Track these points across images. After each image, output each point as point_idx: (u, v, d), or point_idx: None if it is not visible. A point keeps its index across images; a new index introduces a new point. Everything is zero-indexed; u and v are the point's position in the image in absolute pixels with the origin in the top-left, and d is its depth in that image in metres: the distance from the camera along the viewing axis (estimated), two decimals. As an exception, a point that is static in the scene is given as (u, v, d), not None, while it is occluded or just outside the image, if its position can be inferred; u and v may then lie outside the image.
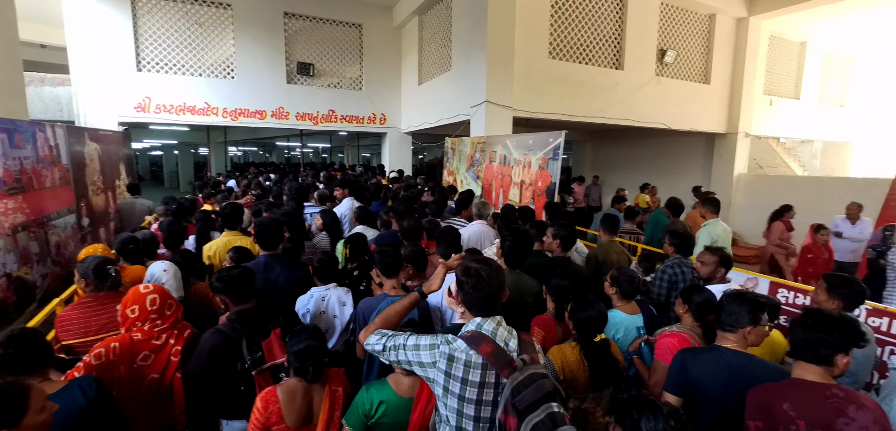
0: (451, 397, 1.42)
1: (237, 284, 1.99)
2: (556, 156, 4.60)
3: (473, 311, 1.50)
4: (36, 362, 1.62)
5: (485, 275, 1.46)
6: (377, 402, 1.75)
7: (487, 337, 1.42)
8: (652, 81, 8.72)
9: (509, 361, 1.38)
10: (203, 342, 1.90)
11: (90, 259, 2.21)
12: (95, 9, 8.22)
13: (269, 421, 1.70)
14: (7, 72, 4.73)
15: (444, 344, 1.44)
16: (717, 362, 1.76)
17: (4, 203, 3.78)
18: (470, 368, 1.39)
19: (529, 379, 1.31)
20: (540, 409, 1.24)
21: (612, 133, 12.30)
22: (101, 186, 6.49)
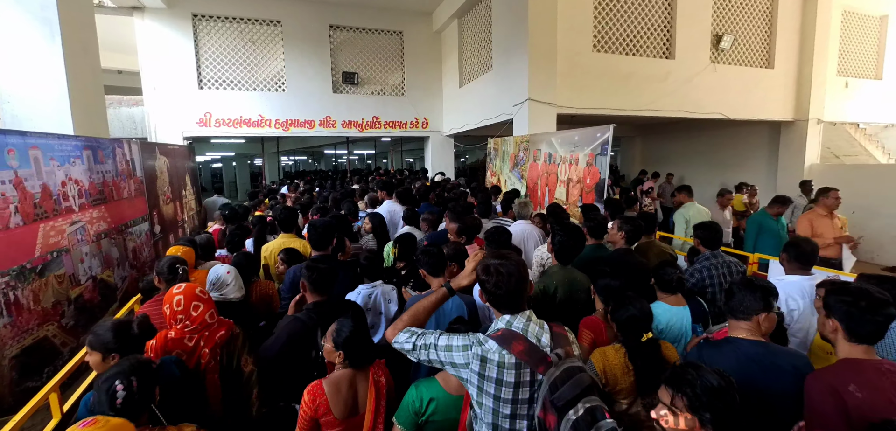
0: (487, 397, 1.39)
1: (324, 277, 2.13)
2: (604, 150, 4.42)
3: (499, 309, 1.47)
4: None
5: (505, 272, 1.42)
6: (427, 400, 1.75)
7: (519, 335, 1.38)
8: (707, 69, 8.18)
9: (543, 357, 1.34)
10: (280, 328, 2.04)
11: (165, 258, 2.40)
12: (163, 34, 8.98)
13: (317, 413, 1.74)
14: (92, 97, 5.25)
15: (476, 346, 1.40)
16: (735, 352, 1.69)
17: (90, 213, 4.17)
18: (504, 369, 1.36)
19: (566, 374, 1.27)
20: (579, 404, 1.20)
21: (663, 126, 11.64)
22: (170, 196, 7.03)
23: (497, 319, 1.48)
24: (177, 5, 8.98)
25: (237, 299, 2.51)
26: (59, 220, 3.66)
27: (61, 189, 3.76)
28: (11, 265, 3.05)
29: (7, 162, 3.14)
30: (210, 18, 9.41)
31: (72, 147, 4.01)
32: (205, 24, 9.40)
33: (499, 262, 1.45)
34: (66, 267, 3.68)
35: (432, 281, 2.28)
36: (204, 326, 2.00)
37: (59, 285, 3.57)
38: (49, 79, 4.33)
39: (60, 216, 3.68)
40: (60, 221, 3.67)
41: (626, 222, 3.02)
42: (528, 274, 1.54)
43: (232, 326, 2.10)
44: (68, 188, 3.86)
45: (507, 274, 1.42)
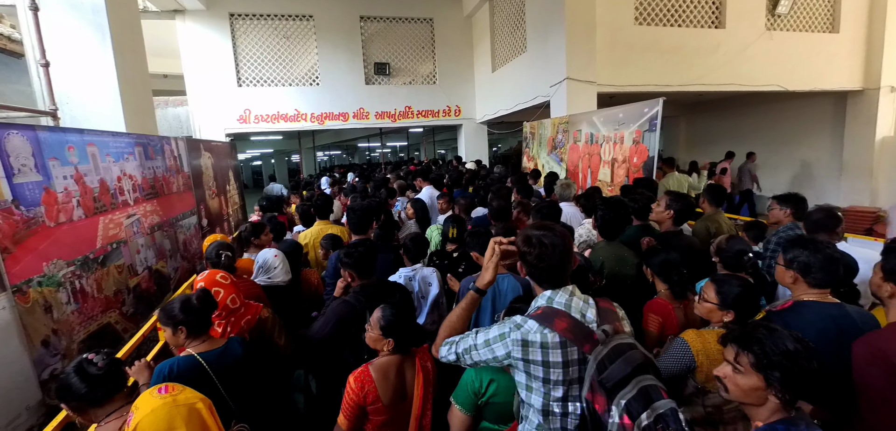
0: (536, 381, 1.28)
1: (363, 259, 2.11)
2: (653, 126, 4.15)
3: (542, 284, 1.35)
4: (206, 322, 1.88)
5: (548, 242, 1.30)
6: (487, 381, 1.66)
7: (561, 311, 1.27)
8: (762, 37, 7.56)
9: (589, 334, 1.23)
10: (330, 311, 2.01)
11: (211, 244, 2.44)
12: (202, 35, 9.31)
13: (364, 400, 1.70)
14: (141, 97, 5.47)
15: (513, 331, 1.29)
16: (812, 313, 1.55)
17: (144, 206, 4.35)
18: (548, 349, 1.24)
19: (615, 352, 1.16)
20: (631, 384, 1.10)
21: (712, 103, 10.91)
22: (215, 191, 7.28)
23: (537, 297, 1.36)
24: (214, 6, 9.26)
25: (284, 283, 2.52)
26: (117, 213, 3.82)
27: (117, 184, 3.92)
28: (77, 255, 3.20)
29: (68, 158, 3.29)
30: (246, 17, 9.65)
31: (125, 144, 4.18)
32: (241, 23, 9.65)
33: (541, 233, 1.33)
34: (124, 257, 3.85)
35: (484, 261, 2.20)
36: (228, 311, 2.01)
37: (119, 274, 3.73)
38: (102, 80, 4.53)
39: (117, 209, 3.85)
40: (118, 214, 3.83)
41: (675, 199, 2.77)
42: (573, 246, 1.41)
43: (259, 310, 2.10)
44: (123, 183, 4.03)
45: (550, 246, 1.30)
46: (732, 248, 2.24)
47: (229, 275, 2.04)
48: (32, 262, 2.76)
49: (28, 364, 2.62)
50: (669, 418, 1.02)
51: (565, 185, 3.65)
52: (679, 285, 2.04)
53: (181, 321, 1.80)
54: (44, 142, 3.01)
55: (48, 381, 2.74)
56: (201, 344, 1.82)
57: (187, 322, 1.80)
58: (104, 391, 1.44)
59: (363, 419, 1.74)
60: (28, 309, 2.67)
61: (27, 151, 2.86)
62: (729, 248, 2.26)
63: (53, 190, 3.05)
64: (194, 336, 1.81)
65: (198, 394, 1.26)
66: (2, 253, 2.53)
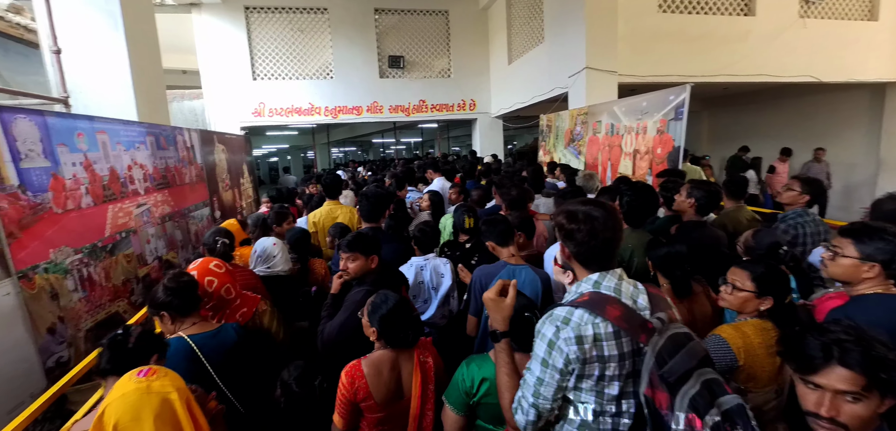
0: (588, 380, 1.13)
1: (362, 240, 2.01)
2: (679, 115, 3.92)
3: (588, 266, 1.19)
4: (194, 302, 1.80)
5: (599, 216, 1.15)
6: (479, 379, 1.51)
7: (611, 297, 1.12)
8: (794, 25, 7.17)
9: (643, 323, 1.09)
10: (353, 304, 1.87)
11: (209, 231, 2.36)
12: (218, 28, 9.35)
13: (355, 397, 1.56)
14: (154, 87, 5.47)
15: (562, 329, 1.13)
16: (883, 307, 1.41)
17: (154, 196, 4.32)
18: (602, 341, 1.10)
19: (674, 343, 1.04)
20: (692, 378, 0.98)
21: (737, 96, 10.44)
22: (229, 184, 7.28)
23: (579, 281, 1.20)
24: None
25: (285, 273, 2.41)
26: (127, 202, 3.79)
27: (127, 172, 3.89)
28: (84, 243, 3.16)
29: (77, 145, 3.25)
30: (261, 10, 9.65)
31: (136, 133, 4.15)
32: (256, 17, 9.66)
33: (589, 207, 1.17)
34: (133, 247, 3.81)
35: (501, 251, 2.06)
36: (222, 302, 1.91)
37: (128, 264, 3.70)
38: (114, 69, 4.52)
39: (127, 198, 3.81)
40: (127, 203, 3.80)
41: (697, 187, 2.58)
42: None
43: (257, 302, 1.99)
44: (134, 172, 4.00)
45: (602, 220, 1.14)
46: (763, 242, 2.06)
47: (224, 264, 1.94)
48: (39, 248, 2.72)
49: (33, 351, 2.57)
50: (736, 415, 0.89)
51: (588, 177, 3.46)
52: (681, 282, 1.85)
53: (162, 304, 1.73)
54: (52, 128, 2.97)
55: (53, 369, 2.70)
56: (191, 327, 1.74)
57: (168, 304, 1.72)
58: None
59: (359, 416, 1.61)
60: (34, 296, 2.63)
61: (35, 136, 2.82)
62: (759, 243, 2.07)
63: (61, 176, 3.01)
64: (180, 318, 1.74)
65: (177, 383, 1.15)
66: (7, 237, 2.48)
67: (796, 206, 2.59)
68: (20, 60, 5.44)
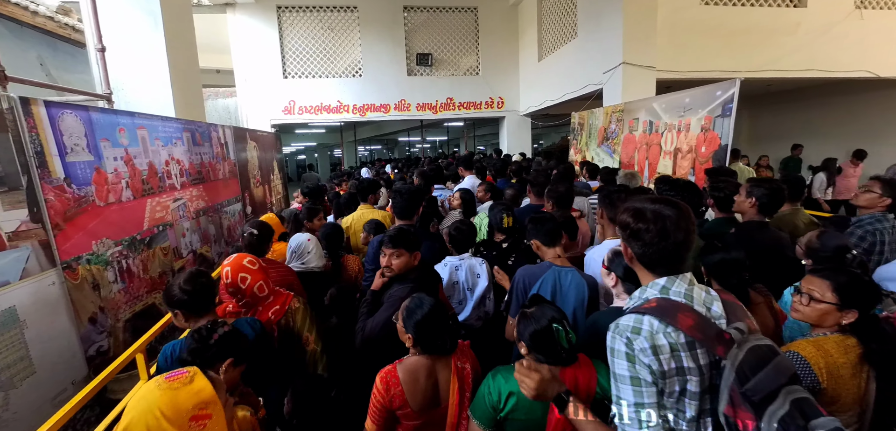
0: (669, 398, 1.01)
1: (402, 236, 1.94)
2: (727, 111, 3.68)
3: (655, 269, 1.07)
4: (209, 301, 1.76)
5: (671, 216, 1.02)
6: (506, 393, 1.40)
7: (682, 304, 1.00)
8: (849, 17, 6.69)
9: (719, 334, 0.96)
10: (395, 299, 1.82)
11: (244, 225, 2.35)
12: (251, 27, 9.57)
13: (391, 405, 1.49)
14: (190, 84, 5.61)
15: (634, 339, 1.01)
16: None
17: (190, 191, 4.41)
18: (679, 352, 0.98)
19: (757, 357, 0.92)
20: (780, 397, 0.87)
21: (780, 94, 9.85)
22: (260, 180, 7.41)
23: (644, 286, 1.08)
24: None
25: (319, 269, 2.37)
26: (164, 196, 3.87)
27: (165, 167, 3.98)
28: (124, 235, 3.23)
29: (119, 140, 3.33)
30: (292, 9, 9.81)
31: (173, 129, 4.24)
32: (288, 16, 9.82)
33: (659, 206, 1.05)
34: (170, 240, 3.89)
35: (546, 251, 1.94)
36: (255, 299, 1.85)
37: (165, 257, 3.78)
38: (154, 66, 4.64)
39: (165, 193, 3.90)
40: (165, 197, 3.88)
41: (758, 185, 2.38)
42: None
43: (290, 299, 1.92)
44: (171, 167, 4.08)
45: (675, 219, 1.02)
46: (829, 245, 1.86)
47: (258, 260, 1.89)
48: (82, 240, 2.79)
49: (75, 339, 2.64)
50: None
51: (629, 176, 3.28)
52: (739, 291, 1.67)
53: (176, 302, 1.71)
54: (96, 123, 3.05)
55: (94, 357, 2.76)
56: (202, 319, 1.71)
57: (182, 303, 1.70)
58: None
59: (394, 423, 1.53)
60: (76, 286, 2.70)
61: (80, 131, 2.90)
62: (824, 246, 1.87)
63: (104, 170, 3.09)
64: (195, 317, 1.71)
65: (198, 396, 1.11)
66: (53, 229, 2.55)
67: (875, 210, 2.35)
68: (67, 59, 5.68)
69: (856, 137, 8.86)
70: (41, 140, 2.53)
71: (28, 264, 2.35)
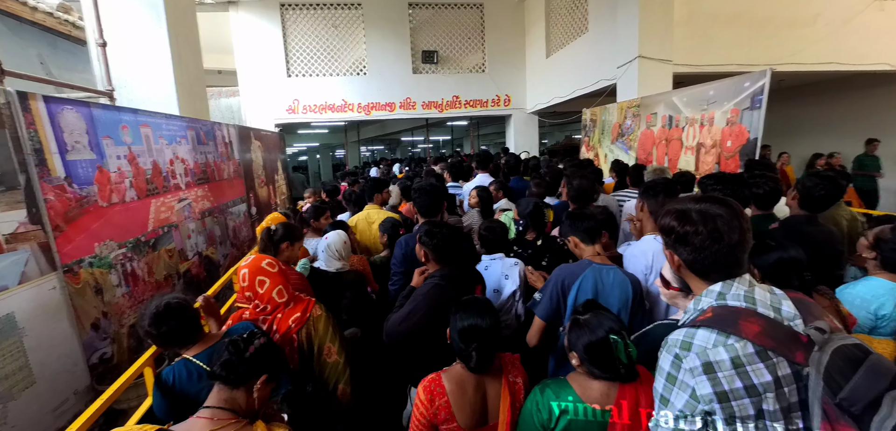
0: (744, 424, 0.85)
1: (447, 242, 1.80)
2: (756, 103, 3.51)
3: (707, 277, 0.94)
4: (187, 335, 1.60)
5: (722, 215, 0.91)
6: (558, 411, 1.26)
7: (744, 309, 0.87)
8: (871, 7, 6.51)
9: (795, 337, 0.83)
10: (420, 296, 1.71)
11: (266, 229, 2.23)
12: (254, 25, 9.44)
13: (436, 418, 1.35)
14: (195, 81, 5.49)
15: (685, 357, 0.88)
16: None
17: (195, 191, 4.27)
18: (746, 368, 0.83)
19: (845, 359, 0.78)
20: (885, 404, 0.73)
21: (795, 89, 9.62)
22: (264, 180, 7.28)
23: (698, 296, 0.95)
24: (266, -4, 9.34)
25: (336, 270, 2.22)
26: (169, 197, 3.73)
27: (169, 167, 3.84)
28: (128, 237, 3.10)
29: (122, 138, 3.19)
30: (296, 7, 9.67)
31: (178, 127, 4.11)
32: (291, 13, 9.68)
33: (707, 205, 0.93)
34: (175, 242, 3.76)
35: (585, 249, 1.80)
36: (274, 306, 1.70)
37: (170, 259, 3.64)
38: (156, 63, 4.51)
39: (169, 193, 3.76)
40: (169, 198, 3.75)
41: (810, 177, 2.24)
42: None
43: (312, 306, 1.76)
44: (175, 166, 3.95)
45: (726, 219, 0.90)
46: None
47: (277, 262, 1.73)
48: (84, 242, 2.65)
49: (78, 347, 2.50)
50: None
51: (658, 170, 3.13)
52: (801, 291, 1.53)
53: (151, 336, 1.56)
54: (98, 120, 2.91)
55: (97, 365, 2.62)
56: (194, 347, 1.57)
57: (156, 337, 1.55)
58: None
59: None
60: (78, 291, 2.56)
61: (81, 128, 2.76)
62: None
63: (106, 169, 2.95)
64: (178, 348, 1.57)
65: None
66: (53, 230, 2.41)
67: None
68: (68, 57, 5.55)
69: (871, 133, 8.67)
70: (40, 137, 2.39)
71: (27, 268, 2.21)
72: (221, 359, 1.26)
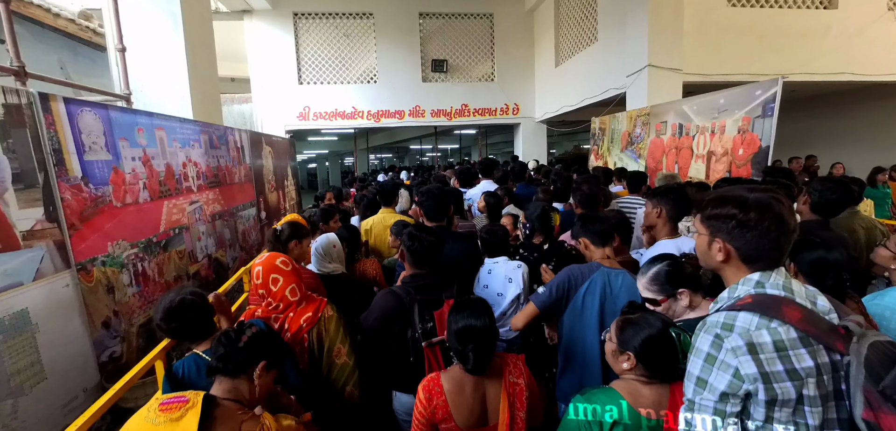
0: (782, 409, 0.86)
1: (425, 249, 1.81)
2: (768, 111, 3.48)
3: (753, 263, 0.94)
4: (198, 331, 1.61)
5: (786, 204, 0.92)
6: (610, 423, 1.18)
7: (784, 298, 0.87)
8: (883, 18, 6.45)
9: (833, 328, 0.84)
10: (375, 301, 1.77)
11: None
12: (268, 33, 9.62)
13: (434, 417, 1.34)
14: (209, 87, 5.60)
15: (726, 337, 0.88)
16: None
17: (206, 194, 4.32)
18: (788, 352, 0.84)
19: (881, 354, 0.81)
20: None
21: (806, 100, 9.52)
22: (274, 185, 7.35)
23: (734, 284, 0.96)
24: (280, 5, 9.52)
25: (336, 273, 2.24)
26: (180, 199, 3.79)
27: (182, 169, 3.90)
28: (141, 237, 3.14)
29: (137, 140, 3.25)
30: (309, 16, 9.84)
31: (191, 131, 4.18)
32: (304, 22, 9.85)
33: (761, 195, 0.93)
34: (186, 243, 3.80)
35: (595, 251, 1.79)
36: (286, 304, 1.70)
37: (180, 260, 3.68)
38: (173, 68, 4.60)
39: (181, 195, 3.81)
40: (181, 200, 3.80)
41: (821, 182, 2.22)
42: None
43: (323, 306, 1.76)
44: (188, 169, 4.01)
45: (788, 207, 0.92)
46: None
47: (291, 261, 1.74)
48: (98, 241, 2.69)
49: (88, 344, 2.53)
50: None
51: (669, 177, 3.10)
52: (835, 292, 1.49)
53: (161, 329, 1.57)
54: (115, 122, 2.97)
55: (107, 364, 2.65)
56: (205, 343, 1.58)
57: (166, 331, 1.56)
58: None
59: None
60: (91, 289, 2.59)
61: (98, 129, 2.82)
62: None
63: (122, 170, 3.00)
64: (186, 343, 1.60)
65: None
66: (69, 229, 2.46)
67: None
68: (87, 64, 5.70)
69: (881, 145, 8.52)
70: (59, 137, 2.45)
71: (42, 265, 2.25)
72: (216, 353, 1.27)
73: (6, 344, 2.01)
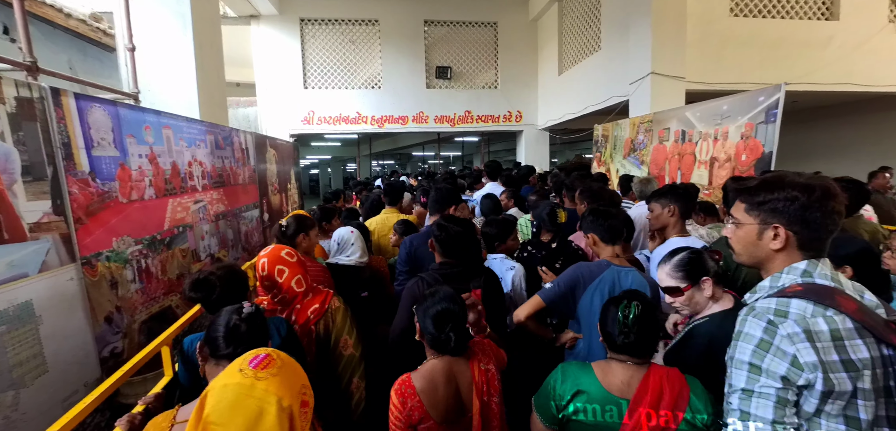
0: (838, 402, 0.82)
1: (455, 239, 1.80)
2: (771, 117, 3.49)
3: (806, 250, 0.91)
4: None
5: (833, 186, 0.90)
6: (573, 390, 1.23)
7: (836, 288, 0.85)
8: (884, 30, 6.47)
9: (886, 322, 0.82)
10: (403, 295, 1.73)
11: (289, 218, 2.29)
12: (274, 38, 9.72)
13: (411, 418, 1.31)
14: (216, 88, 5.65)
15: (780, 324, 0.84)
16: None
17: (210, 194, 4.35)
18: (843, 340, 0.81)
19: None
20: None
21: (807, 112, 9.53)
22: (277, 188, 7.38)
23: (778, 271, 0.92)
24: (287, 11, 9.62)
25: (363, 264, 2.24)
26: (185, 197, 3.81)
27: (188, 168, 3.93)
28: (145, 234, 3.16)
29: (144, 137, 3.28)
30: (315, 22, 9.94)
31: (197, 130, 4.21)
32: (311, 28, 9.95)
33: (817, 180, 0.91)
34: (189, 242, 3.82)
35: (603, 248, 1.78)
36: (292, 295, 1.70)
37: (183, 258, 3.69)
38: (181, 69, 4.65)
39: (186, 194, 3.84)
40: (186, 198, 3.82)
41: (843, 180, 2.21)
42: None
43: (330, 297, 1.76)
44: (193, 168, 4.04)
45: (841, 197, 0.91)
46: None
47: (296, 253, 1.75)
48: (103, 236, 2.71)
49: (90, 339, 2.54)
50: None
51: (645, 181, 3.11)
52: (875, 288, 1.49)
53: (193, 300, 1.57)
54: (123, 119, 3.00)
55: (108, 359, 2.65)
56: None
57: (197, 301, 1.57)
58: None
59: None
60: (94, 283, 2.61)
61: (107, 125, 2.85)
62: None
63: (128, 166, 3.03)
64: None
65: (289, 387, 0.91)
66: (75, 222, 2.47)
67: None
68: (96, 64, 5.76)
69: (884, 157, 8.48)
70: (69, 132, 2.47)
71: (47, 257, 2.26)
72: (221, 334, 1.24)
73: (10, 334, 2.02)
